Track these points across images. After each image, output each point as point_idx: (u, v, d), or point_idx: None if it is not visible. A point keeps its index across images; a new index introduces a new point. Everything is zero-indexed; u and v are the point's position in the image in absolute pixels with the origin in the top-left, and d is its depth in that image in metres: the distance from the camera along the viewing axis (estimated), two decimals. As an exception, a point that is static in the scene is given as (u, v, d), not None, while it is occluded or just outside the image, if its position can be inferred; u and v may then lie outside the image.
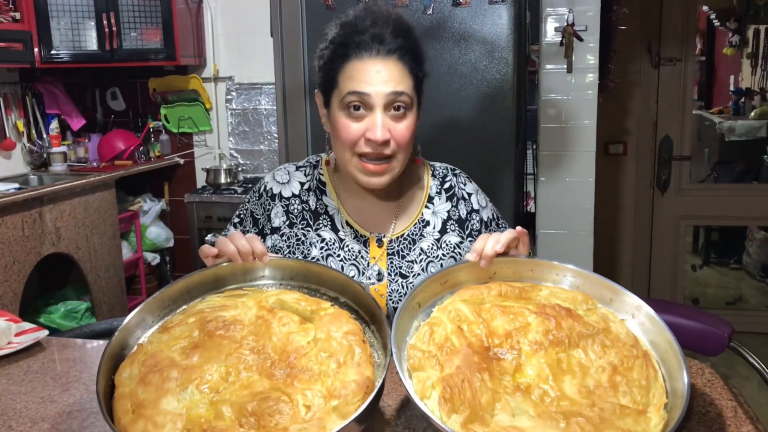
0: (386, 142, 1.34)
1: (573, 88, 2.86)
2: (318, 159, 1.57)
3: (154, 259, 4.45)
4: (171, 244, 4.53)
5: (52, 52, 3.81)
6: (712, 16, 6.17)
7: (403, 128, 1.35)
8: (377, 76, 1.33)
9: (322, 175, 1.54)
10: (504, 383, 0.98)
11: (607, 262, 4.19)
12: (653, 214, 4.28)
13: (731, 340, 1.61)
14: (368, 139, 1.34)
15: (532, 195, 3.10)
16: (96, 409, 1.16)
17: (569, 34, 2.69)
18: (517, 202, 2.57)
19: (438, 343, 1.02)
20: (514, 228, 1.21)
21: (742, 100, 6.19)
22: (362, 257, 1.48)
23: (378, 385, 0.97)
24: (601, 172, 3.11)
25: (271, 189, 1.52)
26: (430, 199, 1.53)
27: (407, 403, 1.13)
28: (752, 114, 5.84)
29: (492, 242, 1.16)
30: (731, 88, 6.55)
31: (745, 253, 5.07)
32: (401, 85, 1.34)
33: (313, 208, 1.51)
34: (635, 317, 1.10)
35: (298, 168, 1.55)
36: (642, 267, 4.32)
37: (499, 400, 0.96)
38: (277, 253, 1.47)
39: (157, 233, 4.41)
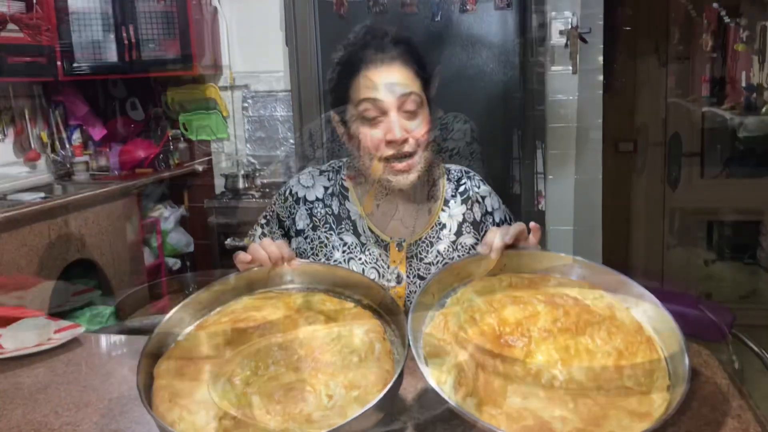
0: (405, 141, 1.39)
1: (579, 89, 2.91)
2: (340, 164, 1.62)
3: (175, 264, 4.52)
4: (191, 249, 4.60)
5: (74, 65, 3.90)
6: (723, 13, 6.17)
7: (418, 125, 1.41)
8: (386, 83, 1.39)
9: (344, 180, 1.58)
10: (515, 368, 1.03)
11: (619, 259, 4.20)
12: (665, 211, 4.31)
13: (732, 327, 1.67)
14: (389, 142, 1.39)
15: (543, 194, 3.15)
16: (135, 395, 1.23)
17: (573, 37, 2.76)
18: (528, 201, 2.62)
19: (452, 331, 1.07)
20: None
21: (754, 95, 6.18)
22: (383, 261, 1.53)
23: (396, 374, 1.03)
24: (612, 170, 3.16)
25: (296, 192, 1.58)
26: (446, 203, 1.57)
27: (423, 392, 1.18)
28: (764, 110, 5.84)
29: (501, 235, 1.22)
30: (743, 84, 6.54)
31: (759, 248, 5.07)
32: (409, 86, 1.40)
33: (336, 212, 1.56)
34: (639, 305, 1.15)
35: (321, 172, 1.61)
36: (655, 263, 4.33)
37: (511, 383, 1.01)
38: (301, 255, 1.54)
39: (178, 239, 4.49)
